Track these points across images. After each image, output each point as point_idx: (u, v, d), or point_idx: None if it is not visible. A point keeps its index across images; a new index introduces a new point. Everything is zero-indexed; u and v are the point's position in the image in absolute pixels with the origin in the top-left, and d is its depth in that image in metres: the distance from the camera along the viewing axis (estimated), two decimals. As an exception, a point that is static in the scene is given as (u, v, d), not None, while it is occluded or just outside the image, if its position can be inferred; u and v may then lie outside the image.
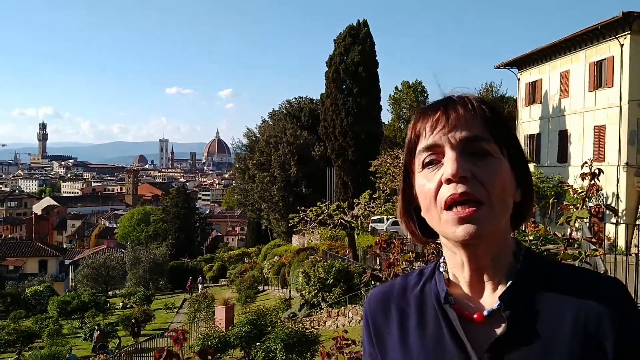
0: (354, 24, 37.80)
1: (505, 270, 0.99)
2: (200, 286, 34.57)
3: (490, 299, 0.99)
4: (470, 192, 0.92)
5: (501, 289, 0.98)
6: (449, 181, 0.93)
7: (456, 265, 1.02)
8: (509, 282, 0.97)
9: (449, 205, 0.93)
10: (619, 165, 22.20)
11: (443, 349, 0.97)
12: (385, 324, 1.06)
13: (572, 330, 0.92)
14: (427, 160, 0.98)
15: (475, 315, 0.97)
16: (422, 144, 0.99)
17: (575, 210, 2.68)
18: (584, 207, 2.80)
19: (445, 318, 0.99)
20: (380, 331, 1.07)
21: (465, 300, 1.01)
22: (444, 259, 1.06)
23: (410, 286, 1.08)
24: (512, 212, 0.98)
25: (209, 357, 2.41)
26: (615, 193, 22.25)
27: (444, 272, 1.05)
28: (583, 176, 2.72)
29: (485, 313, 0.97)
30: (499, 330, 0.95)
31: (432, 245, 3.20)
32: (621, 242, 20.70)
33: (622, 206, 22.04)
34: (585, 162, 2.79)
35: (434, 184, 0.96)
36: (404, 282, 1.10)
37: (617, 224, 21.43)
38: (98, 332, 19.93)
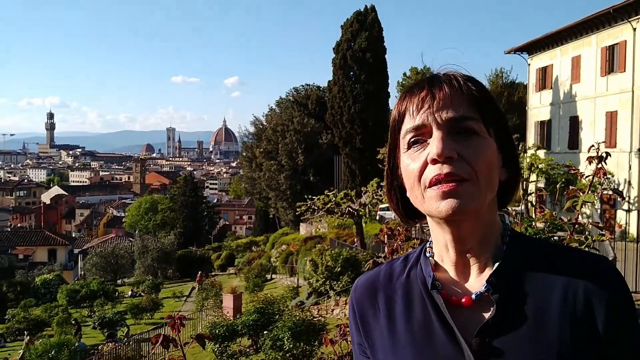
0: (361, 10, 37.44)
1: (491, 251, 0.98)
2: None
3: (477, 282, 0.98)
4: (455, 172, 0.91)
5: (488, 271, 0.97)
6: (434, 161, 0.92)
7: (442, 246, 1.00)
8: (496, 264, 0.96)
9: (433, 184, 0.92)
10: (631, 152, 21.90)
11: (431, 335, 0.96)
12: (372, 313, 1.05)
13: (561, 310, 0.91)
14: (412, 140, 0.96)
15: (463, 300, 0.96)
16: (408, 124, 0.97)
17: (582, 194, 2.64)
18: (595, 191, 2.70)
19: (432, 304, 0.98)
20: (367, 320, 1.06)
21: (452, 284, 1.00)
22: (430, 243, 1.05)
23: (397, 273, 1.07)
24: (498, 191, 0.98)
25: (207, 341, 2.38)
26: (627, 179, 21.98)
27: (430, 258, 1.03)
28: (590, 160, 2.67)
29: (473, 297, 0.96)
30: (487, 314, 0.93)
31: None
32: (633, 229, 20.46)
33: (634, 193, 21.76)
34: (592, 146, 2.72)
35: (418, 163, 0.95)
36: (390, 269, 1.08)
37: (628, 210, 21.17)
38: (28, 337, 19.45)
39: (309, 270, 18.54)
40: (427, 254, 1.04)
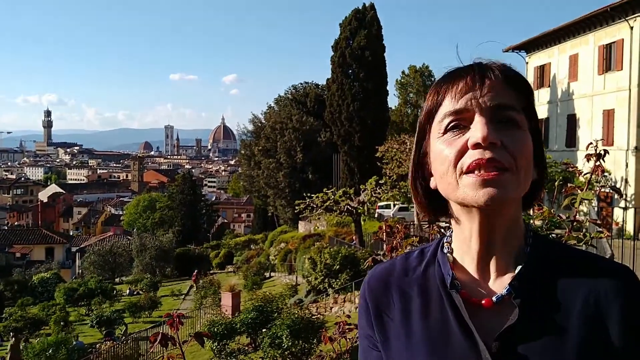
0: (360, 8, 37.43)
1: (513, 253, 0.95)
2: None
3: (498, 284, 0.94)
4: (498, 159, 0.87)
5: (510, 272, 0.94)
6: (476, 146, 0.88)
7: (464, 241, 0.96)
8: (519, 267, 0.93)
9: (471, 170, 0.88)
10: (628, 150, 21.95)
11: (448, 336, 0.93)
12: (386, 306, 1.01)
13: (583, 317, 0.89)
14: (451, 124, 0.92)
15: (483, 301, 0.93)
16: (449, 107, 0.92)
17: (580, 192, 2.64)
18: (592, 189, 2.71)
19: (450, 303, 0.94)
20: (380, 313, 1.01)
21: (471, 284, 0.96)
22: (448, 238, 1.02)
23: (412, 267, 1.03)
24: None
25: (205, 339, 2.39)
26: (624, 177, 22.03)
27: (448, 254, 1.00)
28: (588, 157, 2.66)
29: (494, 299, 0.92)
30: (507, 317, 0.90)
31: (436, 229, 3.14)
32: (629, 227, 20.53)
33: (630, 191, 21.82)
34: (591, 143, 2.73)
35: (455, 149, 0.90)
36: (405, 262, 1.05)
37: (625, 208, 21.24)
38: (13, 338, 18.00)
39: (307, 268, 18.56)
40: (445, 250, 1.01)
